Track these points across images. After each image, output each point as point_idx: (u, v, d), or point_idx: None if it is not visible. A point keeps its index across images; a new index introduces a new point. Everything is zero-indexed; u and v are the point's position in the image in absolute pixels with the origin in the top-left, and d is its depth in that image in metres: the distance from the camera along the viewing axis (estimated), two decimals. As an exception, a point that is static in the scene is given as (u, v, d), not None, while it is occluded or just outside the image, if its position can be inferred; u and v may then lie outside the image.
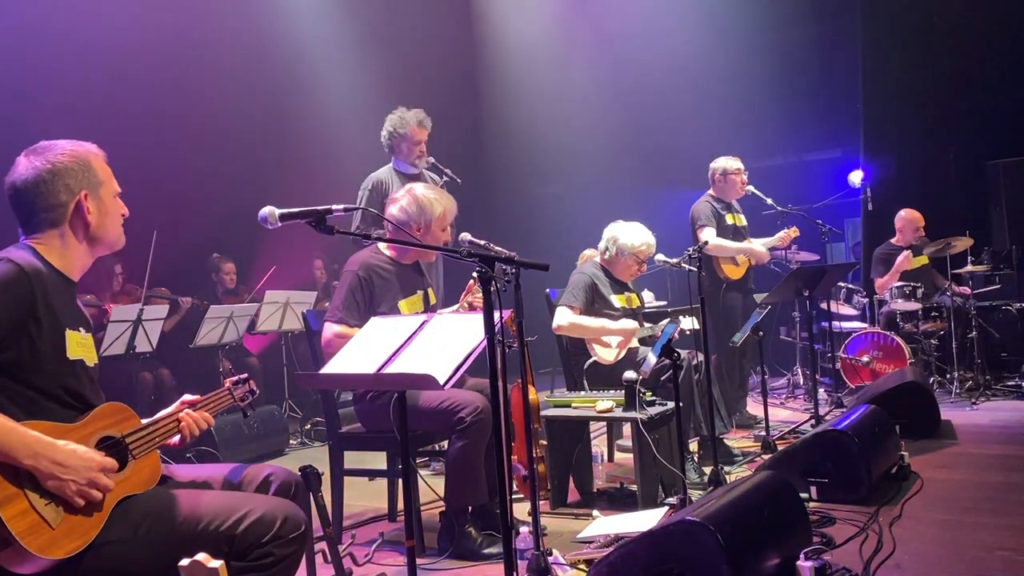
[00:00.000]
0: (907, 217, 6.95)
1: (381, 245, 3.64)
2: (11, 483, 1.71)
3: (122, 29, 6.16)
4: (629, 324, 4.40)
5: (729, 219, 5.70)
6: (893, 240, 7.02)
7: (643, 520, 3.35)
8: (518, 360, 3.10)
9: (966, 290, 6.79)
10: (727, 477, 3.93)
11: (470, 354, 2.29)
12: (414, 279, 3.68)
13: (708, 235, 5.41)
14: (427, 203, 3.58)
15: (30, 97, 5.73)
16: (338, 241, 3.32)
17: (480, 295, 2.34)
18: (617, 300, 4.51)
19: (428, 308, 3.67)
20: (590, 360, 4.45)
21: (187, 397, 2.20)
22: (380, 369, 2.34)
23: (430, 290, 3.77)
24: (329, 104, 7.56)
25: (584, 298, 4.41)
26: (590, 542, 3.28)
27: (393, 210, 3.60)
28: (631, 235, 4.56)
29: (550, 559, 2.83)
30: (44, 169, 1.98)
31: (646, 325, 4.56)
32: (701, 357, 4.25)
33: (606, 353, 4.41)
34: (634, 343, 4.45)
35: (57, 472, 1.74)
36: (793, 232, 5.86)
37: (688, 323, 4.44)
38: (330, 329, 3.41)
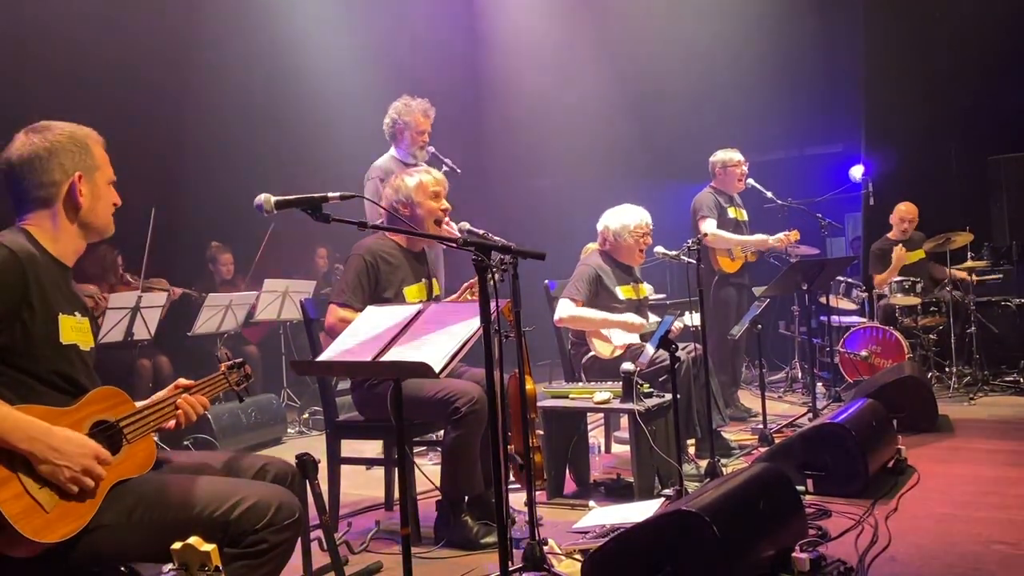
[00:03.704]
0: (902, 210, 6.95)
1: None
2: (5, 467, 1.72)
3: (119, 17, 6.13)
4: (633, 318, 4.37)
5: (731, 212, 5.68)
6: (889, 235, 7.02)
7: (639, 511, 3.35)
8: (515, 350, 3.10)
9: (966, 276, 6.76)
10: (724, 470, 3.93)
11: (465, 343, 2.28)
12: (418, 267, 3.67)
13: (709, 226, 5.40)
14: (400, 183, 3.58)
15: (28, 84, 5.71)
16: (339, 230, 3.31)
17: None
18: (622, 292, 4.48)
19: (431, 297, 3.66)
20: (589, 353, 4.44)
21: (182, 381, 2.19)
22: (376, 357, 2.34)
23: (435, 280, 3.76)
24: (329, 94, 7.53)
25: (587, 291, 4.38)
26: (586, 532, 3.29)
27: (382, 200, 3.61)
28: (622, 216, 4.54)
29: (545, 549, 2.83)
30: (41, 147, 1.98)
31: (651, 319, 4.54)
32: (700, 349, 4.24)
33: (604, 348, 4.39)
34: (634, 337, 4.44)
35: (52, 457, 1.75)
36: (793, 236, 5.81)
37: (690, 320, 4.41)
38: (335, 312, 3.39)
